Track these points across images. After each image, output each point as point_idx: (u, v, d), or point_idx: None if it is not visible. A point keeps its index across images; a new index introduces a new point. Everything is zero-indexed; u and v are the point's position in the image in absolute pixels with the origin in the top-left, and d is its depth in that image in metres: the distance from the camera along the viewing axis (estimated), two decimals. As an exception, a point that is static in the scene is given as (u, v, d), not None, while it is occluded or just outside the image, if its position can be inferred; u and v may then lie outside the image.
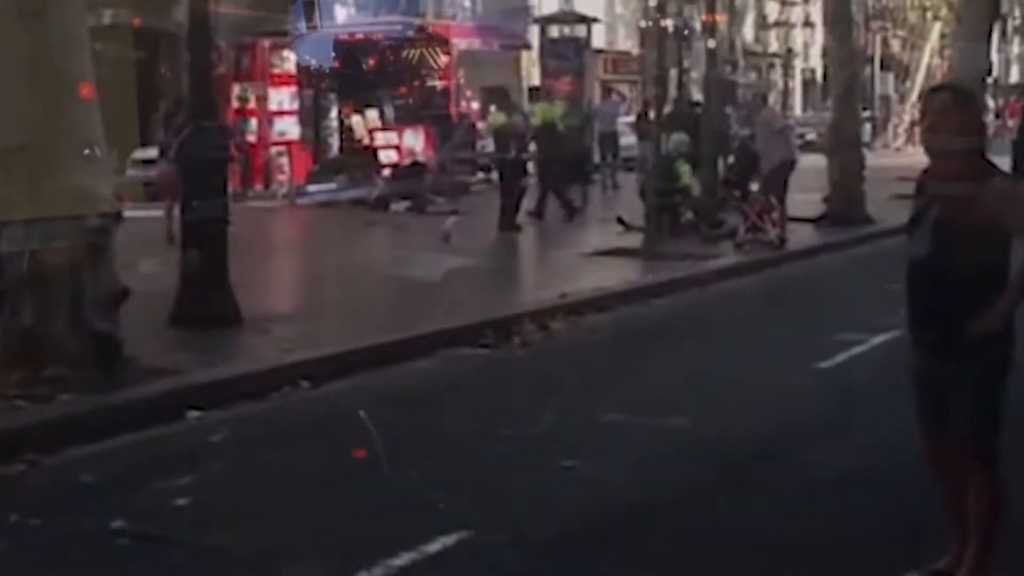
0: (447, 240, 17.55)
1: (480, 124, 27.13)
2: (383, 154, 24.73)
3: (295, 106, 25.65)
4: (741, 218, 17.88)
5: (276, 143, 25.18)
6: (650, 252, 16.69)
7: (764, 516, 6.58)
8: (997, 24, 26.85)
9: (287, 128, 25.40)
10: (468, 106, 28.17)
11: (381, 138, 25.33)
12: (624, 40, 47.61)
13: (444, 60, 27.86)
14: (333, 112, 26.11)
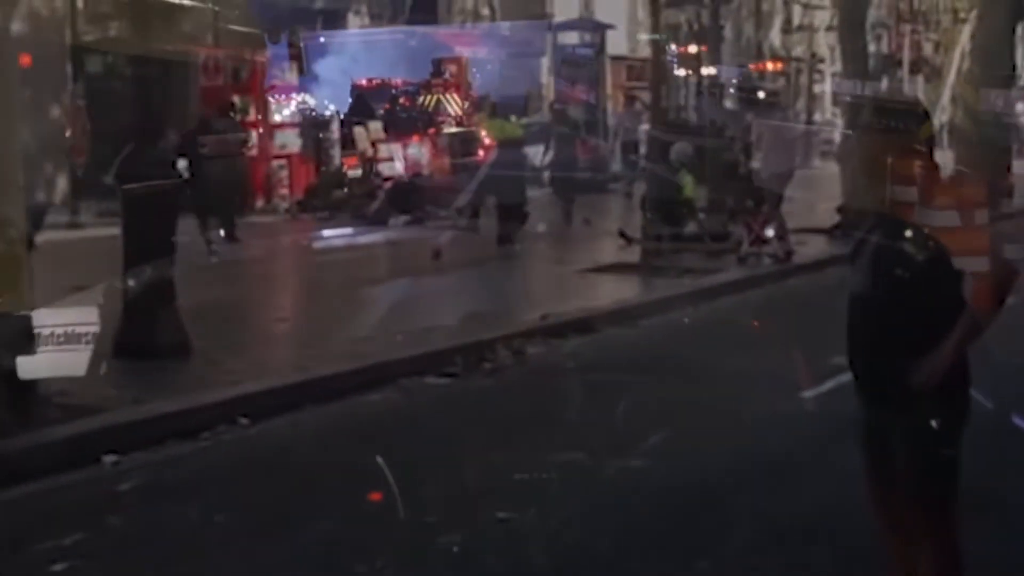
0: (437, 257, 16.84)
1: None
2: (385, 166, 23.99)
3: (296, 118, 24.92)
4: (744, 230, 17.08)
5: (277, 156, 24.47)
6: (648, 267, 15.99)
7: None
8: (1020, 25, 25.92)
9: (288, 140, 24.68)
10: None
11: (384, 150, 24.60)
12: (646, 47, 46.64)
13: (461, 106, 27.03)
14: (335, 124, 25.33)
